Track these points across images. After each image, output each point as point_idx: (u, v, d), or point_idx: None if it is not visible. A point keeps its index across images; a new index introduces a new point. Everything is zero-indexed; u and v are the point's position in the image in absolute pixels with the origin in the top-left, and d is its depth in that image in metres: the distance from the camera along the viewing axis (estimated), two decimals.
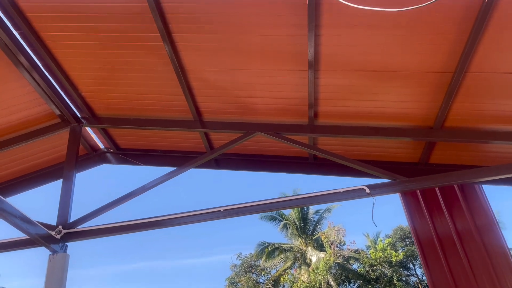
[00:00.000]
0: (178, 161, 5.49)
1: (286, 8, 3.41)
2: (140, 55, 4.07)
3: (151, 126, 4.88)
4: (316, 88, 4.17)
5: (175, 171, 4.77)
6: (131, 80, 4.42)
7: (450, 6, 3.15)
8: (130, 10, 3.60)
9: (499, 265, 4.38)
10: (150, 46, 3.94)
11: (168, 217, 4.27)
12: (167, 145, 5.54)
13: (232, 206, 4.22)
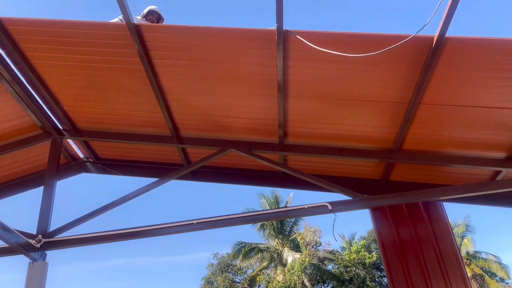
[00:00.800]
0: (156, 172, 5.77)
1: (257, 43, 3.72)
2: (120, 76, 4.33)
3: (130, 140, 5.14)
4: (286, 111, 4.51)
5: (156, 182, 5.06)
6: (111, 97, 4.68)
7: (404, 49, 3.52)
8: (112, 37, 3.86)
9: (452, 267, 4.91)
10: (130, 69, 4.20)
11: (143, 228, 4.54)
12: (145, 157, 5.81)
13: (204, 220, 4.52)
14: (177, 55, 4.00)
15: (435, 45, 3.40)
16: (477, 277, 31.18)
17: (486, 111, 4.17)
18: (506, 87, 3.85)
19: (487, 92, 3.99)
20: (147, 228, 4.56)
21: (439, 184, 5.52)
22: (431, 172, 5.32)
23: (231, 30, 3.66)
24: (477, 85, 3.91)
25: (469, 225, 33.21)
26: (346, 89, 4.16)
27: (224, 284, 30.88)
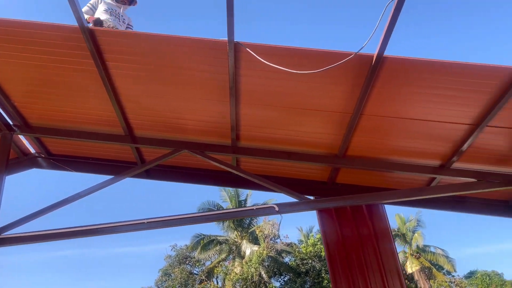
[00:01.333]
0: (110, 169, 5.81)
1: (210, 52, 3.85)
2: (74, 76, 4.34)
3: (83, 138, 5.15)
4: (238, 116, 4.67)
5: (111, 180, 5.12)
6: (64, 96, 4.67)
7: (347, 64, 3.75)
8: (65, 38, 3.87)
9: (389, 264, 5.32)
10: (84, 69, 4.22)
11: (93, 227, 4.60)
12: (98, 154, 5.83)
13: (155, 219, 4.64)
14: (132, 59, 4.07)
15: (374, 63, 3.66)
16: (425, 269, 32.78)
17: (423, 124, 4.51)
18: (440, 103, 4.19)
19: (423, 107, 4.32)
20: (97, 226, 4.63)
21: (381, 187, 5.90)
22: (374, 176, 5.66)
23: (185, 39, 3.77)
24: (414, 100, 4.23)
25: (420, 220, 34.79)
26: (295, 98, 4.37)
27: (182, 275, 30.92)
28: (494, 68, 3.68)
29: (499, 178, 4.98)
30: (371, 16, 50.55)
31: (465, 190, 5.08)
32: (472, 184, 5.05)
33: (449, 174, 5.04)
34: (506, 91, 3.80)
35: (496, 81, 3.78)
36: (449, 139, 4.65)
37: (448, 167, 5.01)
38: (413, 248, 33.68)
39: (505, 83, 3.76)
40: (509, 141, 4.61)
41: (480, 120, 4.24)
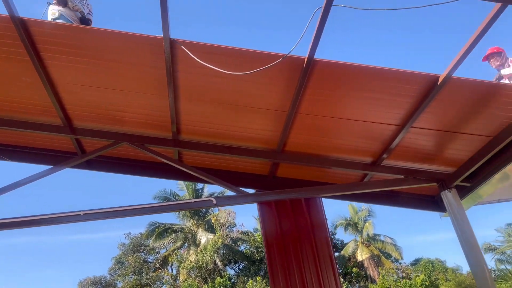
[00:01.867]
0: (49, 159, 5.71)
1: (148, 48, 3.88)
2: (7, 66, 4.23)
3: (19, 128, 5.03)
4: (178, 111, 4.73)
5: (50, 169, 5.07)
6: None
7: (281, 66, 3.89)
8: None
9: (323, 254, 5.64)
10: (17, 59, 4.12)
11: (26, 218, 4.55)
12: (36, 143, 5.70)
13: (92, 211, 4.64)
14: (70, 52, 4.01)
15: (305, 65, 3.82)
16: (375, 257, 34.18)
17: (355, 123, 4.75)
18: (369, 105, 4.44)
19: (354, 108, 4.56)
20: (31, 218, 4.58)
21: (319, 181, 6.15)
22: (312, 171, 5.90)
23: (123, 34, 3.77)
24: (346, 101, 4.46)
25: (372, 210, 36.16)
26: (235, 96, 4.48)
27: (136, 264, 30.65)
28: (416, 74, 3.94)
29: (424, 175, 5.34)
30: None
31: (394, 186, 5.42)
32: (400, 180, 5.39)
33: (379, 170, 5.35)
34: (426, 96, 4.08)
35: (418, 86, 4.05)
36: (379, 138, 4.93)
37: (379, 164, 5.31)
38: (364, 236, 34.99)
39: (426, 89, 4.04)
40: (432, 141, 4.95)
41: (406, 122, 4.53)
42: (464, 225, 5.04)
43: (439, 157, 5.20)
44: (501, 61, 5.59)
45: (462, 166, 5.17)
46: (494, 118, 4.44)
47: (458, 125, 4.61)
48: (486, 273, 4.81)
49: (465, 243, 4.99)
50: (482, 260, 4.89)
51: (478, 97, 4.19)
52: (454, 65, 3.72)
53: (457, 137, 4.81)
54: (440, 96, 4.11)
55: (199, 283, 26.88)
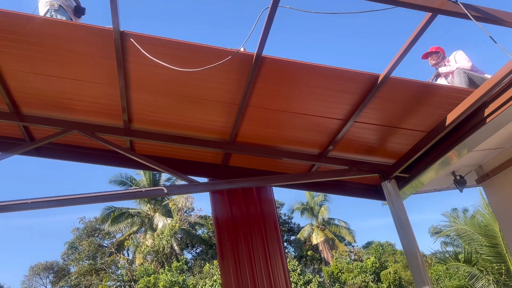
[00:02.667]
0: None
1: (98, 39, 3.88)
2: None
3: None
4: (129, 100, 4.75)
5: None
6: None
7: (231, 61, 4.01)
8: None
9: (272, 239, 5.90)
10: None
11: None
12: None
13: (40, 199, 4.62)
14: (16, 39, 3.93)
15: (254, 61, 3.96)
16: (329, 240, 35.39)
17: (302, 117, 4.97)
18: (317, 100, 4.66)
19: (303, 103, 4.77)
20: None
21: (271, 170, 6.38)
22: (264, 161, 6.11)
23: (75, 24, 3.76)
24: (293, 96, 4.65)
25: (327, 195, 37.18)
26: (187, 87, 4.56)
27: (90, 248, 30.15)
28: (357, 73, 4.19)
29: (366, 166, 5.68)
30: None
31: (339, 176, 5.74)
32: (344, 171, 5.70)
33: (325, 161, 5.63)
34: (368, 93, 4.35)
35: (359, 84, 4.30)
36: (325, 131, 5.19)
37: (325, 155, 5.59)
38: (319, 221, 36.08)
39: (367, 87, 4.31)
40: (374, 134, 5.27)
41: (349, 116, 4.79)
42: (401, 214, 5.43)
43: (381, 150, 5.54)
44: (437, 60, 5.98)
45: (401, 158, 5.54)
46: (429, 114, 4.79)
47: (397, 120, 4.93)
48: (419, 259, 5.23)
49: (402, 231, 5.39)
50: (416, 247, 5.31)
51: (415, 96, 4.51)
52: (392, 66, 3.98)
53: (397, 132, 5.14)
54: (381, 94, 4.39)
55: (155, 267, 26.88)
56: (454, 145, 4.88)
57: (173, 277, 22.68)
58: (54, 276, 32.62)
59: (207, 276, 23.98)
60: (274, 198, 6.29)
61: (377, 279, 27.12)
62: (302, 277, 23.52)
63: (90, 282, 27.54)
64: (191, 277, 25.55)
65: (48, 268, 32.65)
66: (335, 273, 27.68)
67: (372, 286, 26.36)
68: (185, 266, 26.05)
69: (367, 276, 27.03)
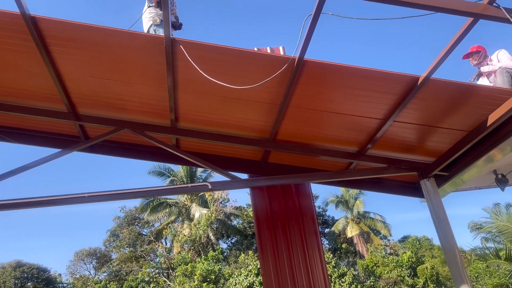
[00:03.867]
0: (53, 143, 6.03)
1: (150, 45, 4.16)
2: (16, 56, 4.50)
3: (27, 114, 5.31)
4: (176, 101, 5.04)
5: (58, 153, 5.42)
6: (7, 74, 4.81)
7: (273, 64, 4.20)
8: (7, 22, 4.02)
9: (309, 228, 6.14)
10: (26, 51, 4.38)
11: (36, 199, 4.91)
12: (42, 127, 6.00)
13: (95, 193, 5.01)
14: (75, 46, 4.28)
15: (296, 64, 4.13)
16: (364, 234, 35.09)
17: (342, 117, 5.10)
18: (357, 101, 4.78)
19: (343, 103, 4.90)
20: (40, 199, 4.94)
21: (309, 167, 6.54)
22: (302, 158, 6.28)
23: (129, 32, 4.05)
24: (334, 97, 4.80)
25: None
26: (229, 89, 4.76)
27: (130, 236, 31.30)
28: (397, 75, 4.27)
29: (405, 165, 5.74)
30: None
31: (377, 174, 5.82)
32: (383, 169, 5.79)
33: (364, 159, 5.73)
34: (407, 94, 4.43)
35: (399, 85, 4.39)
36: (364, 130, 5.30)
37: (364, 153, 5.69)
38: (354, 214, 35.82)
39: (407, 88, 4.38)
40: (414, 133, 5.32)
41: (389, 116, 4.88)
42: (440, 212, 5.47)
43: (420, 148, 5.58)
44: (478, 60, 5.91)
45: (440, 157, 5.56)
46: (470, 114, 4.81)
47: (437, 120, 4.97)
48: (457, 256, 5.28)
49: (440, 228, 5.44)
50: (454, 245, 5.34)
51: (456, 96, 4.54)
52: (432, 68, 4.05)
53: (436, 131, 5.18)
54: (420, 94, 4.46)
55: (192, 256, 27.64)
56: (496, 144, 4.88)
57: (209, 266, 23.28)
58: (97, 262, 34.15)
59: (242, 266, 24.46)
60: (312, 194, 6.47)
61: (414, 274, 26.74)
62: (336, 270, 23.57)
63: (131, 269, 28.65)
64: (226, 266, 26.13)
65: (91, 254, 34.19)
66: (370, 266, 27.51)
67: (408, 281, 26.04)
68: (221, 256, 26.63)
69: (403, 271, 26.71)
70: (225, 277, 23.13)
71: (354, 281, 22.84)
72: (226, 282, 22.72)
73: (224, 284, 22.55)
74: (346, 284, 22.43)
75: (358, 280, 24.14)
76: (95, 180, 55.66)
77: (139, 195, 5.20)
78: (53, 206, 4.99)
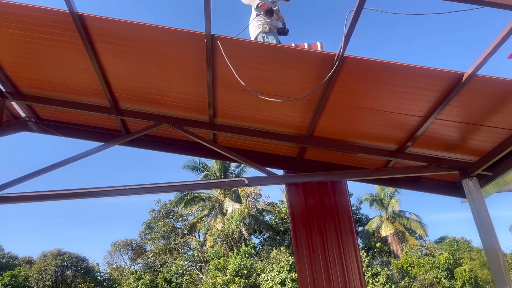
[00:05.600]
0: (96, 136, 6.27)
1: (190, 42, 4.24)
2: (64, 53, 4.69)
3: (72, 108, 5.54)
4: (214, 97, 5.11)
5: (101, 146, 5.65)
6: (54, 69, 5.03)
7: (312, 60, 4.19)
8: (56, 20, 4.20)
9: (345, 226, 6.10)
10: (73, 48, 4.56)
11: (80, 190, 5.12)
12: (85, 121, 6.24)
13: (136, 186, 5.16)
14: (119, 43, 4.42)
15: (336, 61, 4.10)
16: (399, 233, 34.38)
17: (381, 114, 5.01)
18: (397, 98, 4.69)
19: (382, 100, 4.81)
20: (84, 190, 5.14)
21: (345, 164, 6.47)
22: (338, 155, 6.22)
23: (168, 29, 4.13)
24: (373, 94, 4.71)
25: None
26: (268, 85, 4.81)
27: (165, 229, 32.01)
28: (441, 72, 4.15)
29: (446, 163, 5.58)
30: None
31: (416, 173, 5.69)
32: (422, 168, 5.65)
33: (403, 157, 5.61)
34: (450, 91, 4.30)
35: (443, 82, 4.27)
36: (404, 128, 5.18)
37: (403, 151, 5.58)
38: (389, 213, 35.14)
39: (450, 85, 4.26)
40: (456, 131, 5.16)
41: (430, 113, 4.75)
42: (483, 213, 5.29)
43: (462, 147, 5.41)
44: None
45: (484, 156, 5.37)
46: None
47: (481, 118, 4.80)
48: (500, 259, 5.09)
49: (483, 230, 5.26)
50: (498, 247, 5.15)
51: (502, 94, 4.36)
52: (478, 65, 3.91)
53: (480, 129, 5.00)
54: (464, 92, 4.32)
55: (225, 250, 27.97)
56: None
57: (241, 260, 23.49)
58: (133, 253, 35.19)
59: (274, 261, 24.53)
60: (348, 191, 6.40)
61: (451, 276, 25.98)
62: (370, 269, 23.24)
63: (165, 261, 29.32)
64: (258, 262, 26.28)
65: (127, 245, 35.26)
66: (405, 267, 26.94)
67: (445, 283, 25.33)
68: (253, 251, 26.79)
69: (440, 272, 25.99)
70: (257, 272, 23.27)
71: (388, 281, 22.44)
72: (258, 277, 22.86)
73: (256, 279, 22.69)
74: (379, 284, 22.07)
75: (392, 280, 23.70)
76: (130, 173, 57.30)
77: (177, 188, 5.31)
78: (95, 198, 5.18)
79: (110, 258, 35.82)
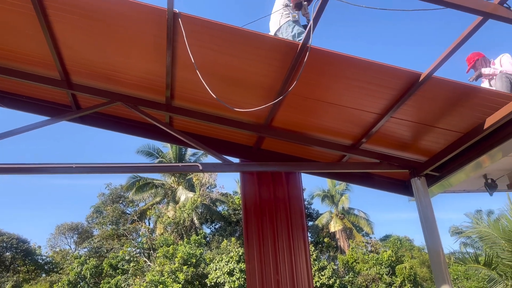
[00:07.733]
0: (43, 110, 5.90)
1: (152, 17, 4.04)
2: (11, 17, 4.34)
3: (17, 77, 5.17)
4: (173, 78, 4.93)
5: (48, 121, 5.31)
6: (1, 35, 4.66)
7: (275, 48, 4.13)
8: None
9: (296, 221, 6.09)
10: (21, 12, 4.22)
11: (25, 165, 4.81)
12: (32, 93, 5.85)
13: (83, 165, 4.91)
14: (74, 11, 4.14)
15: (299, 50, 4.06)
16: (347, 230, 35.43)
17: (340, 108, 5.05)
18: (356, 93, 4.73)
19: (342, 94, 4.85)
20: (26, 165, 4.83)
21: (301, 157, 6.50)
22: (295, 147, 6.23)
23: (130, 2, 3.92)
24: (334, 87, 4.74)
25: (349, 184, 37.04)
26: (229, 71, 4.71)
27: (114, 214, 31.19)
28: (400, 70, 4.22)
29: (397, 161, 5.73)
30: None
31: (368, 169, 5.82)
32: (375, 164, 5.77)
33: (357, 153, 5.71)
34: (407, 90, 4.39)
35: (401, 81, 4.34)
36: (361, 124, 5.26)
37: (358, 147, 5.67)
38: (339, 209, 36.10)
39: (407, 84, 4.34)
40: (409, 131, 5.30)
41: (386, 111, 4.84)
42: (428, 212, 5.48)
43: (413, 146, 5.57)
44: (481, 66, 5.89)
45: (433, 156, 5.56)
46: (467, 116, 4.79)
47: (434, 119, 4.95)
48: (441, 257, 5.31)
49: (427, 228, 5.46)
50: (439, 246, 5.37)
51: (455, 97, 4.51)
52: (435, 66, 4.01)
53: (432, 130, 5.16)
54: (420, 92, 4.42)
55: (175, 238, 27.64)
56: (489, 149, 4.88)
57: (191, 249, 23.29)
58: (78, 237, 34.04)
59: (224, 252, 24.53)
60: (302, 185, 6.43)
61: (392, 273, 27.12)
62: (317, 263, 23.76)
63: (112, 246, 28.58)
64: (208, 251, 26.19)
65: (73, 228, 34.07)
66: (350, 262, 27.82)
67: (386, 279, 26.40)
68: (203, 240, 26.65)
69: (382, 269, 27.06)
70: (206, 262, 23.17)
71: (333, 275, 23.06)
72: (206, 266, 22.77)
73: (205, 268, 22.61)
74: (325, 278, 22.64)
75: (337, 275, 24.38)
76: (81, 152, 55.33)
77: (128, 170, 5.11)
78: (40, 174, 4.89)
79: (53, 241, 34.49)
